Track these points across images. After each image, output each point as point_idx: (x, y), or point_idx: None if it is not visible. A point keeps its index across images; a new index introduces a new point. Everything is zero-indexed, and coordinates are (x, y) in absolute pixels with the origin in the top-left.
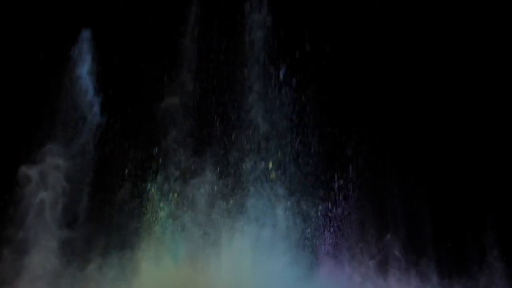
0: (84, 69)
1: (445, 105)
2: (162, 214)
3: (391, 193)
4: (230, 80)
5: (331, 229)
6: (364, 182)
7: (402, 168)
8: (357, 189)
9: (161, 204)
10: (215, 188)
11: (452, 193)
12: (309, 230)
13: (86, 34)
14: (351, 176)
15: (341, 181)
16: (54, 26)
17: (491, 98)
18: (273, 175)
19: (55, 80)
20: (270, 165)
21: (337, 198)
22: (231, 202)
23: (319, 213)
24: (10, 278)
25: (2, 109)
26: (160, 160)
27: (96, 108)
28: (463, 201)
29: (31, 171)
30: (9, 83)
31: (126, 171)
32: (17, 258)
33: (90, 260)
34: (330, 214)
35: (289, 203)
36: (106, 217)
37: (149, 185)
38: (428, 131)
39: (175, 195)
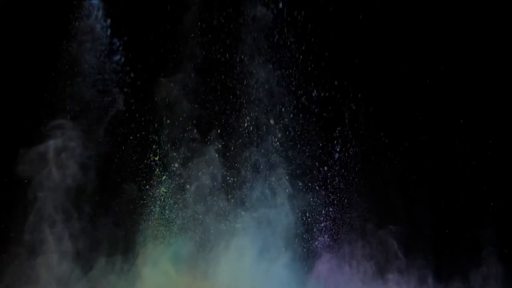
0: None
1: (447, 101)
2: (162, 214)
3: (391, 190)
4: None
5: (330, 225)
6: (365, 182)
7: (403, 167)
8: (357, 188)
9: (160, 204)
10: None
11: (453, 194)
12: (309, 227)
13: None
14: (352, 175)
15: (339, 182)
16: None
17: (493, 96)
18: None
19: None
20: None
21: (335, 196)
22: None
23: (319, 209)
24: (15, 282)
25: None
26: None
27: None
28: (463, 203)
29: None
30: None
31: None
32: (22, 261)
33: (93, 263)
34: (328, 206)
35: (288, 190)
36: (110, 216)
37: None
38: (428, 133)
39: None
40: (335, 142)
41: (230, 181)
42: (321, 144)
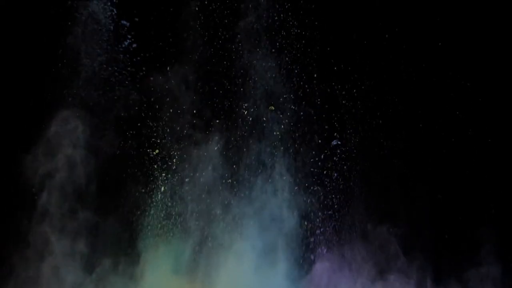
0: None
1: (448, 100)
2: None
3: (391, 190)
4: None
5: (330, 225)
6: (366, 183)
7: (404, 166)
8: (359, 187)
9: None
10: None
11: (453, 194)
12: (308, 228)
13: None
14: (353, 174)
15: (339, 182)
16: None
17: (494, 95)
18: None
19: None
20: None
21: (335, 196)
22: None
23: (318, 210)
24: (20, 284)
25: None
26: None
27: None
28: (464, 203)
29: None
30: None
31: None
32: (27, 264)
33: (96, 266)
34: (327, 207)
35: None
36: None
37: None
38: (428, 133)
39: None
40: (334, 140)
41: (229, 182)
42: (320, 141)
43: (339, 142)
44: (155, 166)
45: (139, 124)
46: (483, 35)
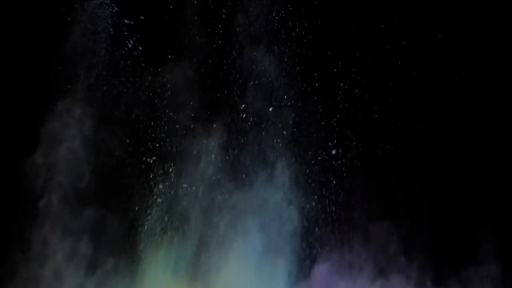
0: None
1: (448, 100)
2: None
3: (393, 191)
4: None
5: (330, 227)
6: (366, 183)
7: (404, 167)
8: (359, 190)
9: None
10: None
11: (453, 194)
12: (309, 229)
13: None
14: (354, 180)
15: (339, 184)
16: None
17: (494, 96)
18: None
19: None
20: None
21: (334, 202)
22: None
23: (321, 217)
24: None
25: None
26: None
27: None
28: (464, 203)
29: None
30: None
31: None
32: (28, 265)
33: (95, 270)
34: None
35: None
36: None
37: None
38: (429, 134)
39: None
40: (335, 140)
41: (228, 186)
42: (321, 147)
43: (340, 151)
44: (155, 168)
45: (137, 126)
46: (482, 36)
